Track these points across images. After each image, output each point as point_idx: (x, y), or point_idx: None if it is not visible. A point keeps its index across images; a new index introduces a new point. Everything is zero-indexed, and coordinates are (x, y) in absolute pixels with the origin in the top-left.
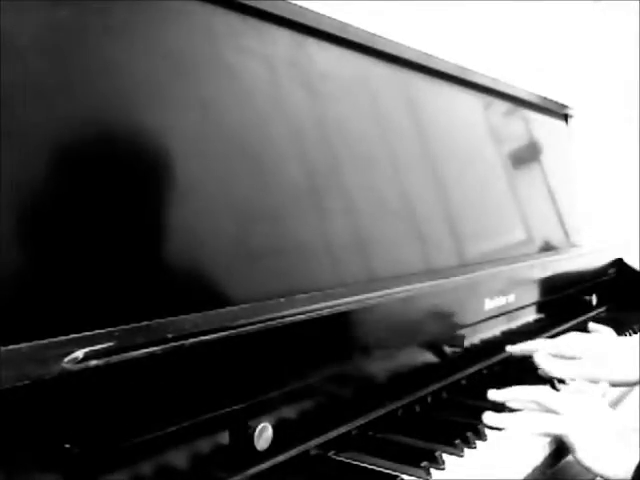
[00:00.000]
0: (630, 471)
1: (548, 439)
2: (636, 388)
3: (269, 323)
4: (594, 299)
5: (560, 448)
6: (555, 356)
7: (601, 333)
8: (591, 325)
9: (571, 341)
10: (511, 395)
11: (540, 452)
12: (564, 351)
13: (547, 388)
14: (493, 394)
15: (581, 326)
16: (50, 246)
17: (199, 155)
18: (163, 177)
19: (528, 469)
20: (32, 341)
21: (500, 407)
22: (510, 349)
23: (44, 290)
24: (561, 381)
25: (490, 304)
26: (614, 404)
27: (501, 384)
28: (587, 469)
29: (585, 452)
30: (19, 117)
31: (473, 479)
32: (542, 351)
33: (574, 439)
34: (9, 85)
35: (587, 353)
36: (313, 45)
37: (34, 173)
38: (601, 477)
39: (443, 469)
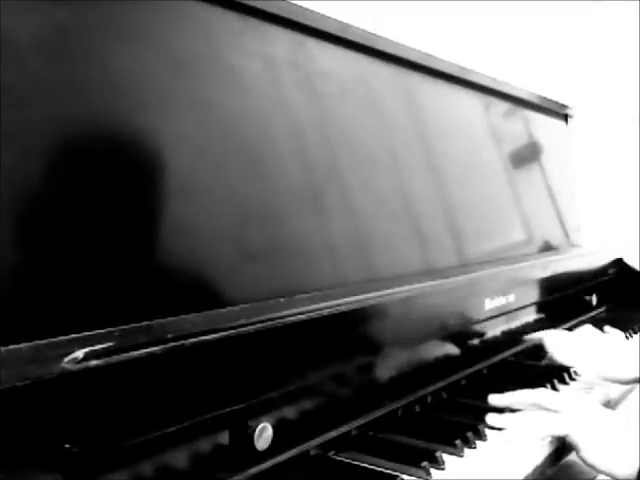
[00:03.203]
0: (636, 467)
1: (549, 439)
2: (636, 388)
3: (269, 323)
4: (594, 299)
5: (560, 448)
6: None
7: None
8: (606, 328)
9: (585, 334)
10: (511, 400)
11: (540, 452)
12: (576, 342)
13: (547, 390)
14: (494, 399)
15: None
16: (50, 246)
17: (200, 155)
18: (163, 177)
19: (528, 469)
20: (32, 341)
21: (501, 408)
22: (527, 337)
23: (44, 290)
24: (568, 375)
25: (490, 304)
26: (616, 403)
27: (501, 384)
28: (592, 467)
29: (589, 450)
30: (18, 117)
31: (473, 479)
32: (554, 339)
33: (577, 438)
34: (8, 85)
35: (598, 348)
36: (313, 45)
37: (34, 173)
38: (607, 475)
39: (443, 469)
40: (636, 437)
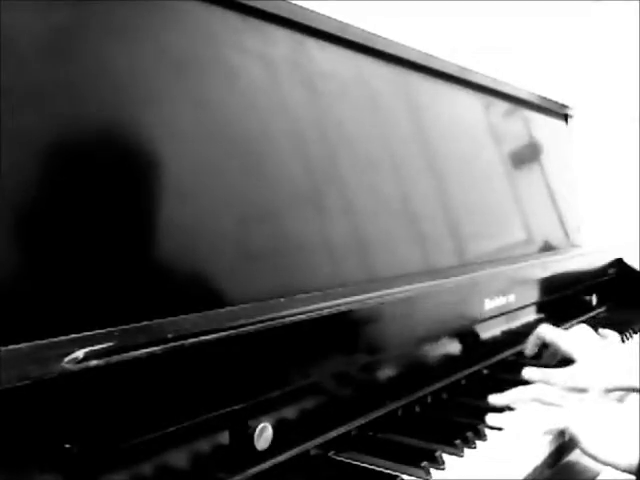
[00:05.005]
0: (636, 458)
1: (550, 437)
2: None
3: (269, 323)
4: (594, 299)
5: (560, 448)
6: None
7: (607, 337)
8: (601, 330)
9: (573, 337)
10: (511, 398)
11: (541, 452)
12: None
13: (545, 386)
14: (494, 399)
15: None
16: (50, 246)
17: (200, 155)
18: (163, 177)
19: (529, 469)
20: (32, 341)
21: (501, 408)
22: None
23: (44, 290)
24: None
25: (490, 304)
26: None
27: (501, 384)
28: (592, 458)
29: (589, 441)
30: (17, 117)
31: (473, 479)
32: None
33: (577, 429)
34: (7, 85)
35: (583, 356)
36: (313, 45)
37: (33, 173)
38: (608, 465)
39: (443, 469)
40: (636, 427)
